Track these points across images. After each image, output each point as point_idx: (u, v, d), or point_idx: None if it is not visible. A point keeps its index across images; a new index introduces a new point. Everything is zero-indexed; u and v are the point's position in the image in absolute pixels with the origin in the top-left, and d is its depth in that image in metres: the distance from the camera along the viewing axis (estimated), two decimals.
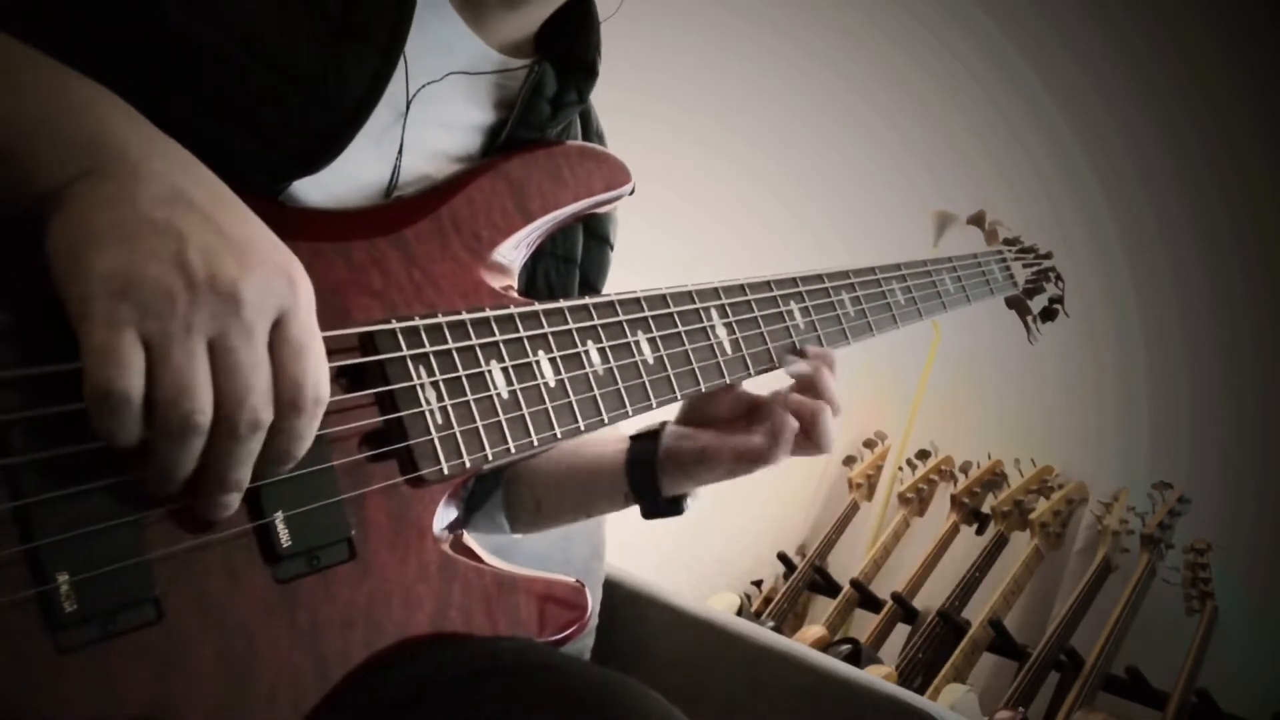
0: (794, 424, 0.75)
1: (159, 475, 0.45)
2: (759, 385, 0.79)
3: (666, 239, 2.10)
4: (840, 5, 2.63)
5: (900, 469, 2.77)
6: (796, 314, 0.82)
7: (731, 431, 0.77)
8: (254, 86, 0.56)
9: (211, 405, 0.44)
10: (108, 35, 0.53)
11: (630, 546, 0.96)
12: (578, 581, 0.65)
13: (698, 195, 2.26)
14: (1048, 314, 1.26)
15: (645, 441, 0.81)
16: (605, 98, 0.83)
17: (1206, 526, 2.32)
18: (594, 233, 0.84)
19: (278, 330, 0.47)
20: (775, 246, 2.51)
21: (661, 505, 0.80)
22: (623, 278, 0.83)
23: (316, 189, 0.62)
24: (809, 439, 0.76)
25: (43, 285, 0.45)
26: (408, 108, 0.67)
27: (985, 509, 2.56)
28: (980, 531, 2.57)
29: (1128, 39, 2.58)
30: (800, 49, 2.52)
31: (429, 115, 0.68)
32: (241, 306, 0.45)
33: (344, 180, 0.64)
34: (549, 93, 0.73)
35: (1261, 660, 2.16)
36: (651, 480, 0.79)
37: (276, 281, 0.47)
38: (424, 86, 0.67)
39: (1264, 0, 2.43)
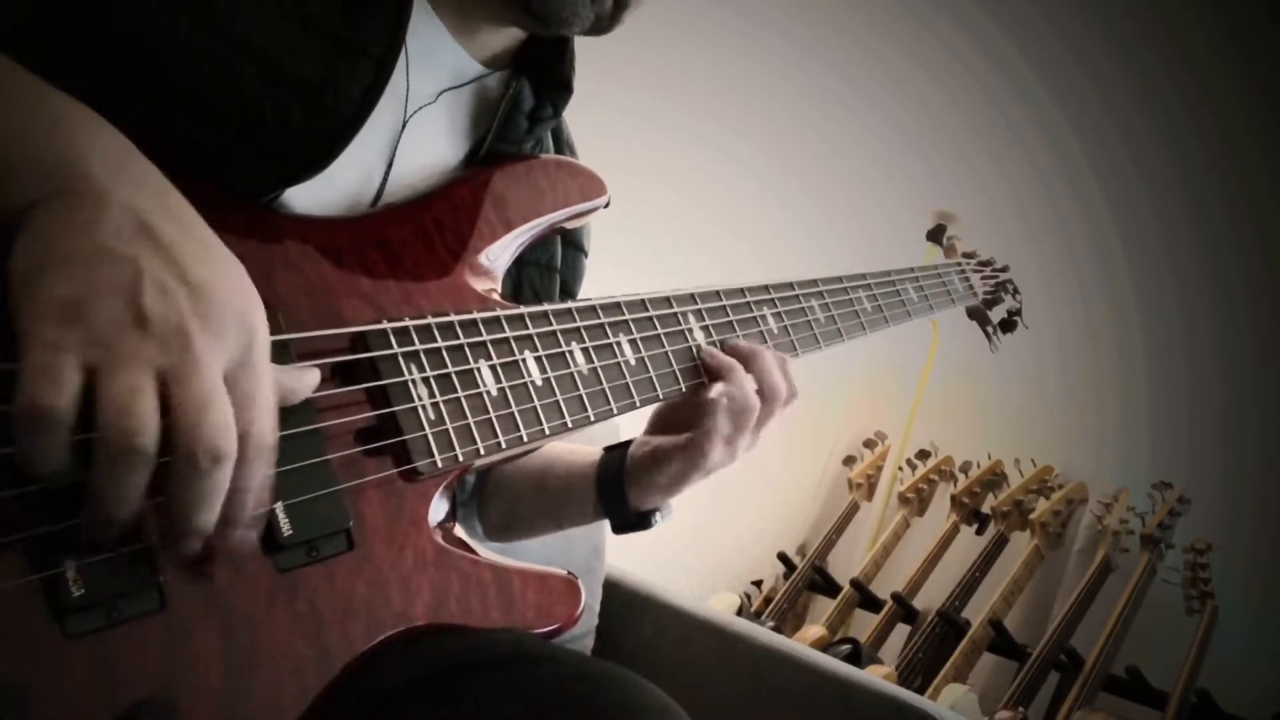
0: (721, 390, 0.74)
1: (98, 513, 0.43)
2: None
3: (666, 239, 2.11)
4: (840, 4, 2.64)
5: (900, 469, 2.78)
6: (770, 319, 0.84)
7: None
8: (256, 97, 0.57)
9: (156, 431, 0.42)
10: (113, 43, 0.54)
11: (630, 546, 0.97)
12: (570, 573, 0.66)
13: (696, 195, 2.27)
14: (1007, 325, 1.30)
15: (615, 452, 0.82)
16: (603, 96, 0.84)
17: (1206, 526, 2.32)
18: (570, 241, 0.86)
19: (227, 377, 0.45)
20: (775, 247, 2.51)
21: (630, 518, 0.80)
22: (628, 278, 0.85)
23: (306, 196, 0.64)
24: (762, 391, 0.75)
25: None
26: (404, 126, 0.69)
27: (985, 509, 2.56)
28: (980, 531, 2.57)
29: (1128, 39, 2.58)
30: (800, 48, 2.52)
31: (415, 127, 0.70)
32: (190, 347, 0.43)
33: (334, 188, 0.65)
34: (526, 108, 0.74)
35: (1261, 660, 2.16)
36: (619, 491, 0.79)
37: (230, 327, 0.45)
38: (420, 110, 0.69)
39: (1264, 0, 2.44)
